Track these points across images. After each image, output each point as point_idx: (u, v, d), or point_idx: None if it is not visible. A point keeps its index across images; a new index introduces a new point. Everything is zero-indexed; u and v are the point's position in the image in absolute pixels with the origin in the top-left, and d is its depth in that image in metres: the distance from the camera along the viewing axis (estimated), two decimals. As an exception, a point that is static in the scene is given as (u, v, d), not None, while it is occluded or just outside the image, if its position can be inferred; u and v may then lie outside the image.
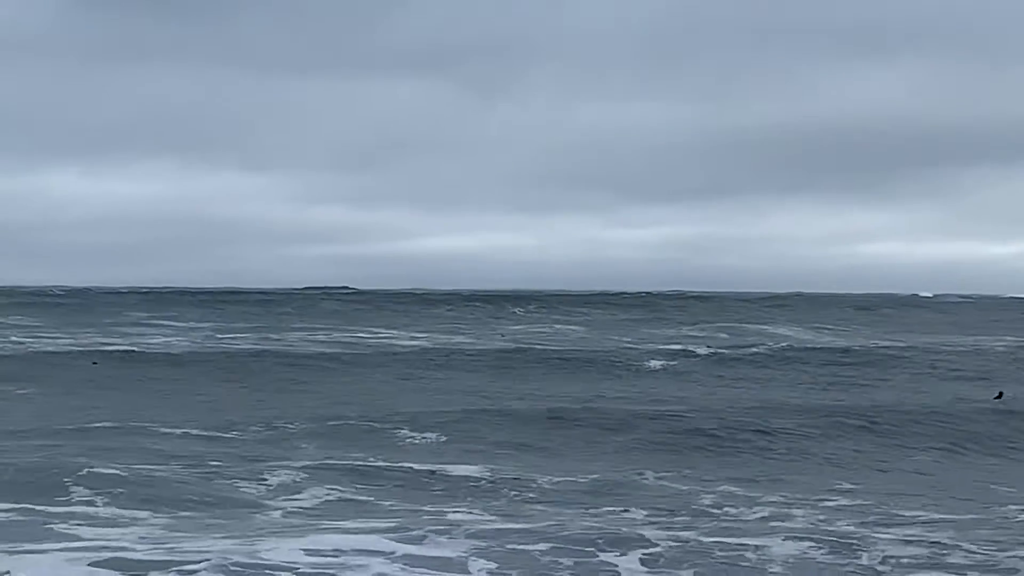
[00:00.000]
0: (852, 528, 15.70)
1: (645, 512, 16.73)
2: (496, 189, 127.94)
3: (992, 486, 19.33)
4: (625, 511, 16.80)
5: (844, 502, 17.49)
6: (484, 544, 14.76)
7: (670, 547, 14.68)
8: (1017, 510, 16.79)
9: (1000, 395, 28.59)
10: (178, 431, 22.71)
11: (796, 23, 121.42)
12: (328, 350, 40.92)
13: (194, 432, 22.61)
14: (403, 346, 43.61)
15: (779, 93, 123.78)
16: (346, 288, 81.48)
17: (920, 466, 21.02)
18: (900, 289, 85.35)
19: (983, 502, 17.67)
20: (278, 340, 44.79)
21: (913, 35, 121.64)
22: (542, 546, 14.76)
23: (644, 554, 14.40)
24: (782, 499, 17.61)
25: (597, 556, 14.32)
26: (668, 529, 15.68)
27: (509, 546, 14.73)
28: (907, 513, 16.69)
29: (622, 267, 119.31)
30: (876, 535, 15.21)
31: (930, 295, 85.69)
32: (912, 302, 78.30)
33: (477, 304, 66.87)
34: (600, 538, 15.15)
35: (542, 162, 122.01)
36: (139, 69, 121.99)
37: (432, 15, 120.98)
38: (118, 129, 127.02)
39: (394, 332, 49.79)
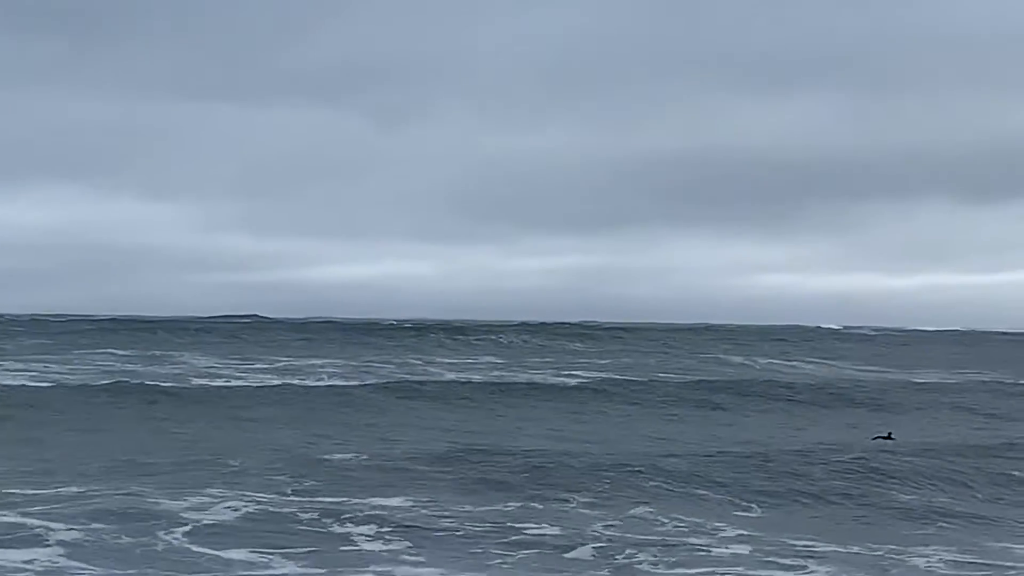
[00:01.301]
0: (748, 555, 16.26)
1: (559, 531, 17.68)
2: (400, 218, 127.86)
3: (876, 525, 19.82)
4: (540, 534, 17.53)
5: (739, 532, 17.99)
6: (415, 559, 15.11)
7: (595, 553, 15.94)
8: (890, 550, 17.33)
9: (889, 435, 28.70)
10: (90, 465, 22.37)
11: (697, 55, 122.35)
12: (239, 381, 40.48)
13: (97, 465, 22.33)
14: (313, 376, 43.22)
15: (681, 124, 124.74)
16: (255, 316, 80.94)
17: (805, 501, 21.32)
18: (800, 320, 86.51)
19: (863, 542, 18.05)
20: (179, 369, 44.31)
21: (811, 69, 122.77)
22: (476, 555, 15.74)
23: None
24: (676, 528, 18.38)
25: (539, 553, 15.76)
26: (586, 544, 16.83)
27: (445, 560, 15.29)
28: (793, 543, 17.35)
29: (525, 296, 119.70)
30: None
31: (838, 327, 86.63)
32: (817, 334, 79.08)
33: (391, 333, 66.63)
34: (529, 544, 16.54)
35: (446, 191, 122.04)
36: (37, 93, 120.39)
37: (336, 43, 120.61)
38: (16, 154, 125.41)
39: (306, 362, 49.23)
